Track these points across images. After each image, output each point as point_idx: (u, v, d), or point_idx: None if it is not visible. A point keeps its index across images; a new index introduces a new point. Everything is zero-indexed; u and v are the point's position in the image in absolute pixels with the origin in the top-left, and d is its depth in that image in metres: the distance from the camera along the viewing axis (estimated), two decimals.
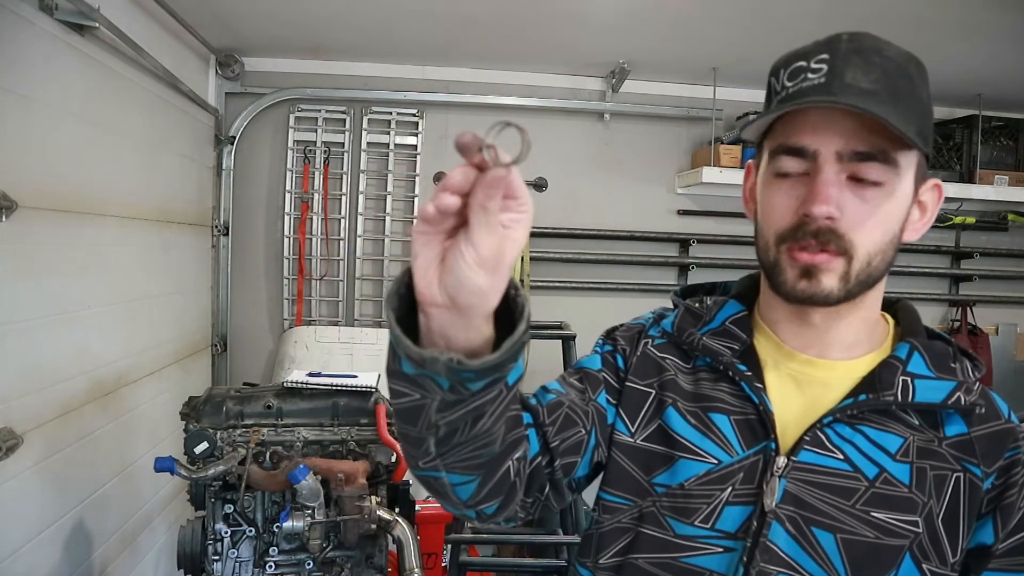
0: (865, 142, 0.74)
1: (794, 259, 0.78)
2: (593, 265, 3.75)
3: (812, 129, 0.76)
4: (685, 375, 0.89)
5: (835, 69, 0.74)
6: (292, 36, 3.21)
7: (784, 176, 0.79)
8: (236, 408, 2.03)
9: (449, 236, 0.59)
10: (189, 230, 3.16)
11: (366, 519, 1.86)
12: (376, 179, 3.64)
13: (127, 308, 2.53)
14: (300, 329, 3.49)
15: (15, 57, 1.84)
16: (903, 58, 0.77)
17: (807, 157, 0.77)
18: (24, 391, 1.89)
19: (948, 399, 0.79)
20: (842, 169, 0.76)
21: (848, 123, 0.74)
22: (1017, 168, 3.76)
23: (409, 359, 0.62)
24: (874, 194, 0.76)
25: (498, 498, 0.80)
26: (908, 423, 0.80)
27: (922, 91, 0.78)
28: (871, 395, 0.79)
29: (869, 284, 0.80)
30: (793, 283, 0.79)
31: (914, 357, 0.81)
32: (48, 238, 2.01)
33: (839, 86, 0.74)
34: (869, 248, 0.77)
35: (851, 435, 0.80)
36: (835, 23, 3.16)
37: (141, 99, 2.60)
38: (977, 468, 0.78)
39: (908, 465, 0.78)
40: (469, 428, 0.68)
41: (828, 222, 0.75)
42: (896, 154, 0.75)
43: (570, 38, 3.10)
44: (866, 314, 0.85)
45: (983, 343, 3.93)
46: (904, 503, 0.77)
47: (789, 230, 0.78)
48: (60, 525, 2.07)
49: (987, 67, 3.20)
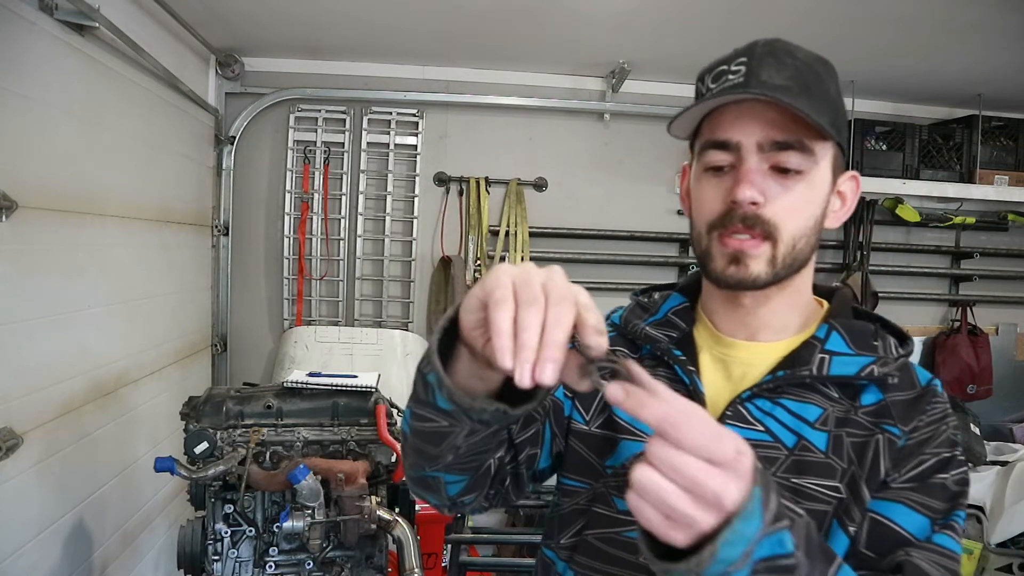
0: (783, 132, 0.81)
1: (724, 245, 0.84)
2: (593, 265, 3.75)
3: (734, 123, 0.82)
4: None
5: (752, 69, 0.81)
6: (292, 36, 3.21)
7: (713, 170, 0.85)
8: (236, 408, 2.03)
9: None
10: (189, 230, 3.16)
11: (366, 519, 1.86)
12: (376, 179, 3.64)
13: (127, 308, 2.52)
14: (300, 329, 3.49)
15: (15, 57, 1.84)
16: (812, 59, 0.84)
17: (731, 150, 0.83)
18: (24, 391, 1.89)
19: (861, 372, 0.83)
20: (764, 159, 0.82)
21: (767, 116, 0.81)
22: (1017, 168, 3.76)
23: (452, 401, 0.70)
24: (795, 182, 0.82)
25: (476, 492, 0.91)
26: (827, 395, 0.85)
27: (830, 87, 0.84)
28: (788, 371, 0.85)
29: (795, 268, 0.86)
30: (723, 269, 0.84)
31: (832, 336, 0.87)
32: (48, 238, 2.01)
33: (756, 83, 0.80)
34: (793, 232, 0.83)
35: (771, 408, 0.85)
36: (835, 23, 3.16)
37: (141, 99, 2.60)
38: (895, 428, 0.82)
39: (826, 433, 0.83)
40: (484, 443, 0.79)
41: (753, 207, 0.82)
42: (812, 144, 0.82)
43: (570, 38, 3.10)
44: (794, 298, 0.90)
45: (983, 343, 3.92)
46: (822, 468, 0.81)
47: (718, 218, 0.84)
48: (60, 525, 2.07)
49: (987, 67, 3.19)
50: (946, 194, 3.71)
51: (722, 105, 0.83)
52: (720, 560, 0.57)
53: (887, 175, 3.65)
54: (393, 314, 3.69)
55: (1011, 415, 3.68)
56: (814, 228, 0.85)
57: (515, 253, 3.64)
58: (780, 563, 0.61)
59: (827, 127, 0.79)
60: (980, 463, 2.98)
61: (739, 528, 0.57)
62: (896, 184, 3.65)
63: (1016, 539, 2.79)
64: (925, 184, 3.67)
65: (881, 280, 3.87)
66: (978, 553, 2.80)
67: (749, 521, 0.58)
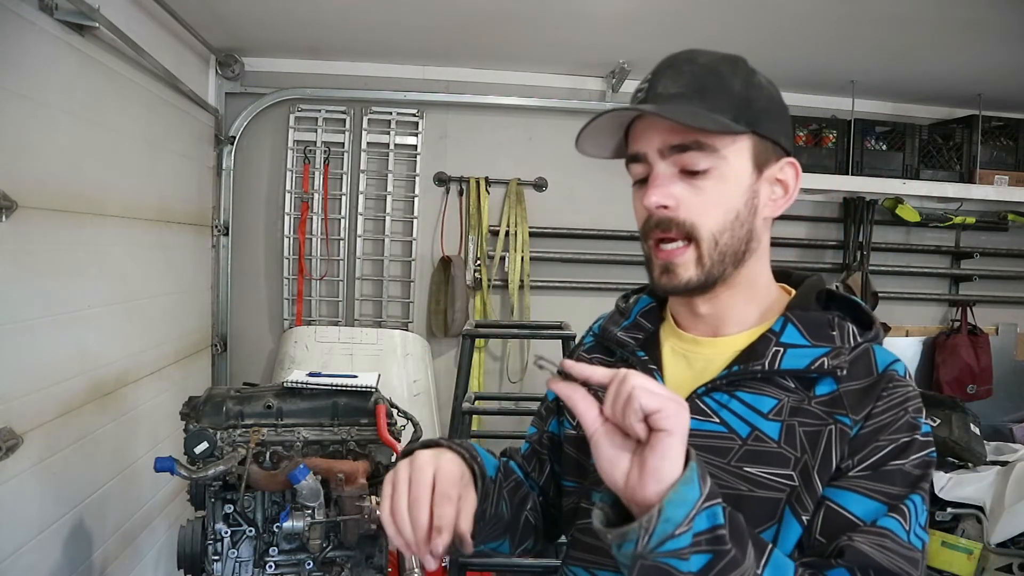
0: (678, 136, 0.84)
1: (657, 256, 0.89)
2: (593, 265, 3.75)
3: (640, 136, 0.88)
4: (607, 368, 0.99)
5: (652, 83, 0.87)
6: (292, 36, 3.21)
7: (638, 184, 0.91)
8: (236, 408, 2.03)
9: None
10: (189, 230, 3.16)
11: (366, 519, 1.86)
12: (376, 179, 3.64)
13: (127, 308, 2.52)
14: (300, 329, 3.49)
15: (15, 57, 1.84)
16: (716, 60, 0.88)
17: (642, 160, 0.88)
18: (24, 391, 1.89)
19: (812, 364, 0.85)
20: (670, 163, 0.86)
21: (664, 124, 0.85)
22: (1017, 168, 3.76)
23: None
24: (704, 181, 0.85)
25: (530, 538, 1.04)
26: (783, 386, 0.86)
27: (734, 83, 0.86)
28: (742, 366, 0.87)
29: (731, 263, 0.88)
30: (657, 278, 0.90)
31: (788, 328, 0.88)
32: (48, 238, 2.01)
33: (652, 95, 0.86)
34: (712, 228, 0.86)
35: (727, 400, 0.87)
36: (834, 23, 3.16)
37: (141, 99, 2.60)
38: (847, 418, 0.83)
39: (779, 423, 0.84)
40: (488, 521, 0.92)
41: (664, 211, 0.86)
42: (712, 141, 0.84)
43: (570, 38, 3.10)
44: (748, 292, 0.92)
45: (983, 343, 3.92)
46: (774, 457, 0.83)
47: (644, 227, 0.89)
48: (60, 525, 2.07)
49: (987, 67, 3.20)
50: (946, 194, 3.72)
51: (634, 121, 0.89)
52: (667, 519, 0.66)
53: (887, 175, 3.66)
54: (393, 314, 3.69)
55: (1011, 415, 3.68)
56: (737, 220, 0.86)
57: (515, 253, 3.64)
58: (717, 534, 0.68)
59: (721, 124, 0.83)
60: (980, 463, 2.98)
61: (683, 491, 0.67)
62: (896, 184, 3.65)
63: (1016, 539, 2.79)
64: (925, 184, 3.67)
65: (881, 280, 3.87)
66: (978, 553, 2.80)
67: (690, 486, 0.67)
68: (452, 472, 0.81)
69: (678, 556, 0.67)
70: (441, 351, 3.77)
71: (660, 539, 0.67)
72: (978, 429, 3.03)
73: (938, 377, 3.88)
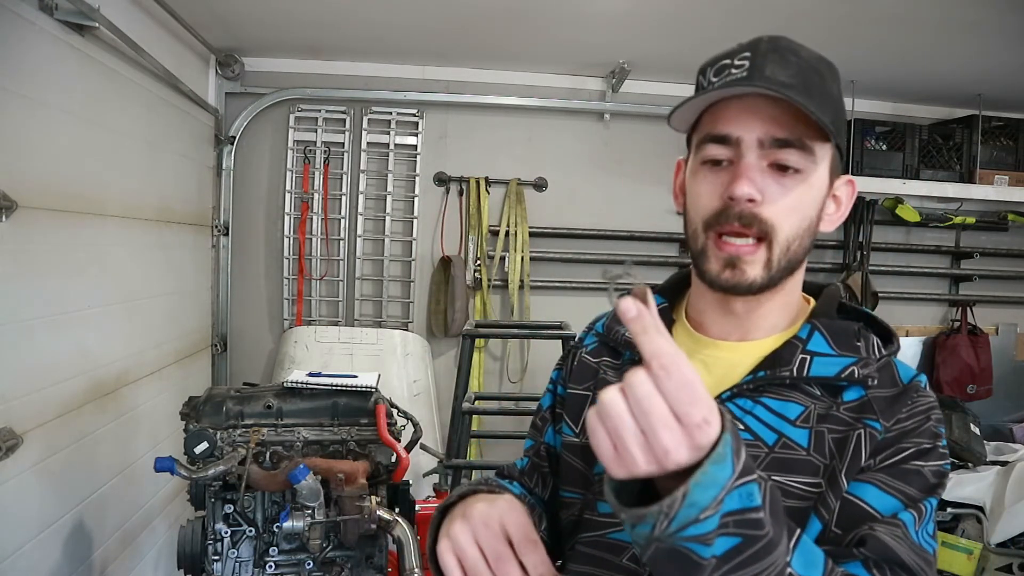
0: (784, 129, 0.80)
1: (720, 249, 0.83)
2: (593, 265, 3.75)
3: (735, 118, 0.81)
4: (615, 370, 0.96)
5: (756, 64, 0.80)
6: (292, 36, 3.21)
7: (710, 165, 0.84)
8: (236, 408, 2.03)
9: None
10: (189, 230, 3.16)
11: (366, 519, 1.86)
12: (376, 179, 3.64)
13: (127, 308, 2.52)
14: (300, 329, 3.49)
15: (15, 57, 1.84)
16: (815, 59, 0.83)
17: (731, 144, 0.82)
18: (24, 391, 1.88)
19: (842, 373, 0.82)
20: (763, 156, 0.81)
21: (768, 112, 0.80)
22: (1017, 168, 3.76)
23: None
24: (793, 181, 0.81)
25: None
26: (810, 393, 0.84)
27: (832, 88, 0.84)
28: (769, 371, 0.84)
29: (790, 270, 0.85)
30: (718, 272, 0.83)
31: (815, 336, 0.86)
32: (48, 238, 2.01)
33: (759, 78, 0.79)
34: (788, 233, 0.82)
35: (752, 407, 0.84)
36: (834, 23, 3.16)
37: (141, 99, 2.60)
38: (876, 422, 0.81)
39: (808, 430, 0.82)
40: None
41: (750, 205, 0.80)
42: (812, 143, 0.81)
43: (570, 38, 3.10)
44: (786, 300, 0.89)
45: (983, 343, 3.92)
46: (803, 465, 0.81)
47: (714, 215, 0.83)
48: (60, 525, 2.07)
49: (987, 67, 3.19)
50: (946, 194, 3.71)
51: (723, 99, 0.82)
52: (692, 504, 0.57)
53: (887, 175, 3.66)
54: (393, 314, 3.69)
55: (1011, 415, 3.69)
56: (808, 230, 0.84)
57: (515, 253, 3.64)
58: (749, 516, 0.60)
59: (829, 126, 0.79)
60: (980, 463, 2.99)
61: (712, 471, 0.57)
62: (896, 184, 3.65)
63: (1016, 539, 2.79)
64: (925, 184, 3.67)
65: (881, 280, 3.87)
66: (978, 553, 2.80)
67: (722, 465, 0.57)
68: (519, 515, 0.75)
69: (701, 541, 0.59)
70: (441, 351, 3.77)
71: (682, 524, 0.58)
72: (978, 429, 3.03)
73: (938, 377, 3.88)
